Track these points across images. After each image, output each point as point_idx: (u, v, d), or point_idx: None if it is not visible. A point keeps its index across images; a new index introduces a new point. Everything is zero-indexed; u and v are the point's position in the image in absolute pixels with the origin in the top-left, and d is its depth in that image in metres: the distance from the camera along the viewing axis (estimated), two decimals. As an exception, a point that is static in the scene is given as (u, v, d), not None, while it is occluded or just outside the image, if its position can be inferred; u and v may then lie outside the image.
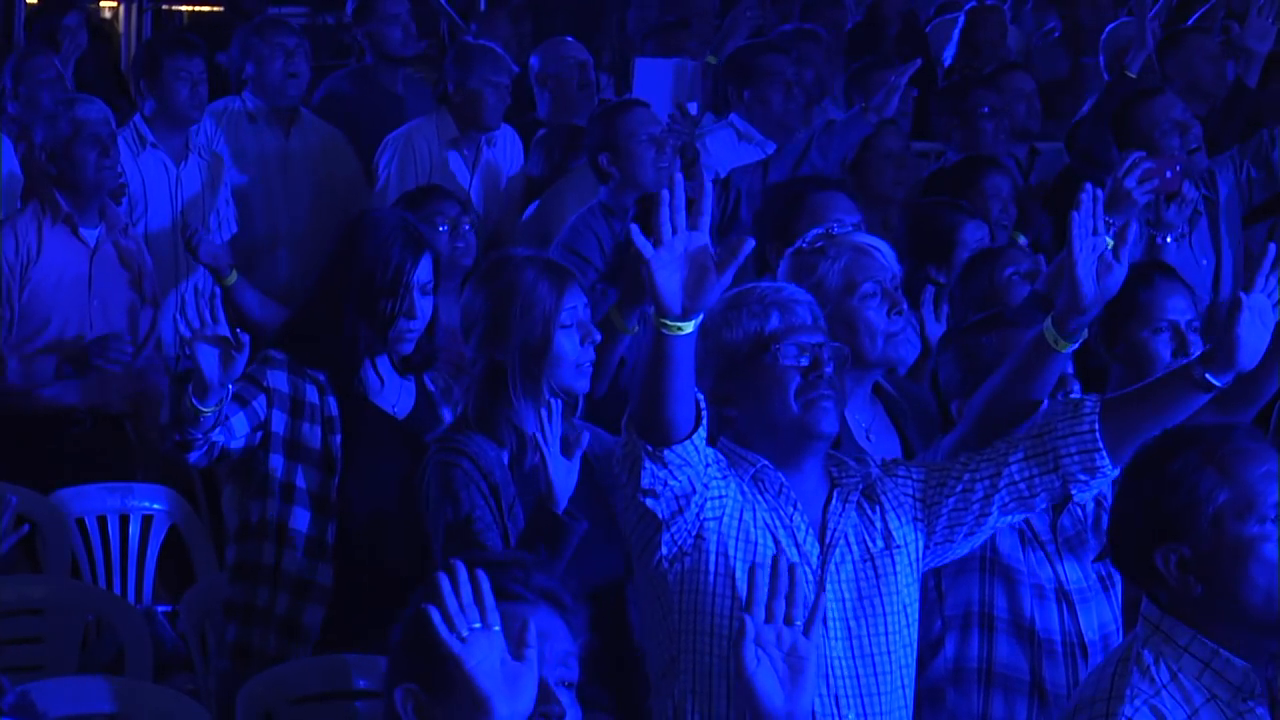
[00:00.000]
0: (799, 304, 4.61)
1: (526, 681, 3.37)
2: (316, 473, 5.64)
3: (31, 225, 7.50)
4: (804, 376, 4.51)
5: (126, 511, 7.08)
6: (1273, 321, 4.45)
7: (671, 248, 4.05)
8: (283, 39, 9.13)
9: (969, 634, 4.93)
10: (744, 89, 8.85)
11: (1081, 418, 4.44)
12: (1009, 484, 4.48)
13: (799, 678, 3.64)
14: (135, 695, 5.46)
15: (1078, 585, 4.97)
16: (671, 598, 4.48)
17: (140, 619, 6.38)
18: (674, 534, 4.41)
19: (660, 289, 4.06)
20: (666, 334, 4.10)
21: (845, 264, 5.32)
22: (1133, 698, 3.75)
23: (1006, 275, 6.29)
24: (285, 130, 9.14)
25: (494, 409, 5.29)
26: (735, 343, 4.53)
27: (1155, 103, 7.91)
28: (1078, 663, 4.92)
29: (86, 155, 7.50)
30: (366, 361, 5.69)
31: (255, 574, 5.69)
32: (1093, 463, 4.43)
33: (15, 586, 6.34)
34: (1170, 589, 3.80)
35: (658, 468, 4.29)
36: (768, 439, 4.53)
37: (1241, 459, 3.78)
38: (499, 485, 5.20)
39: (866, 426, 5.34)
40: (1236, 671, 3.78)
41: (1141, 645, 3.83)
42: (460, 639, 3.35)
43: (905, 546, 4.55)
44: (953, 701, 4.89)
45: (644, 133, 7.53)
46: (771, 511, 4.49)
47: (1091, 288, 4.62)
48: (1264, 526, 3.75)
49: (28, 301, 7.43)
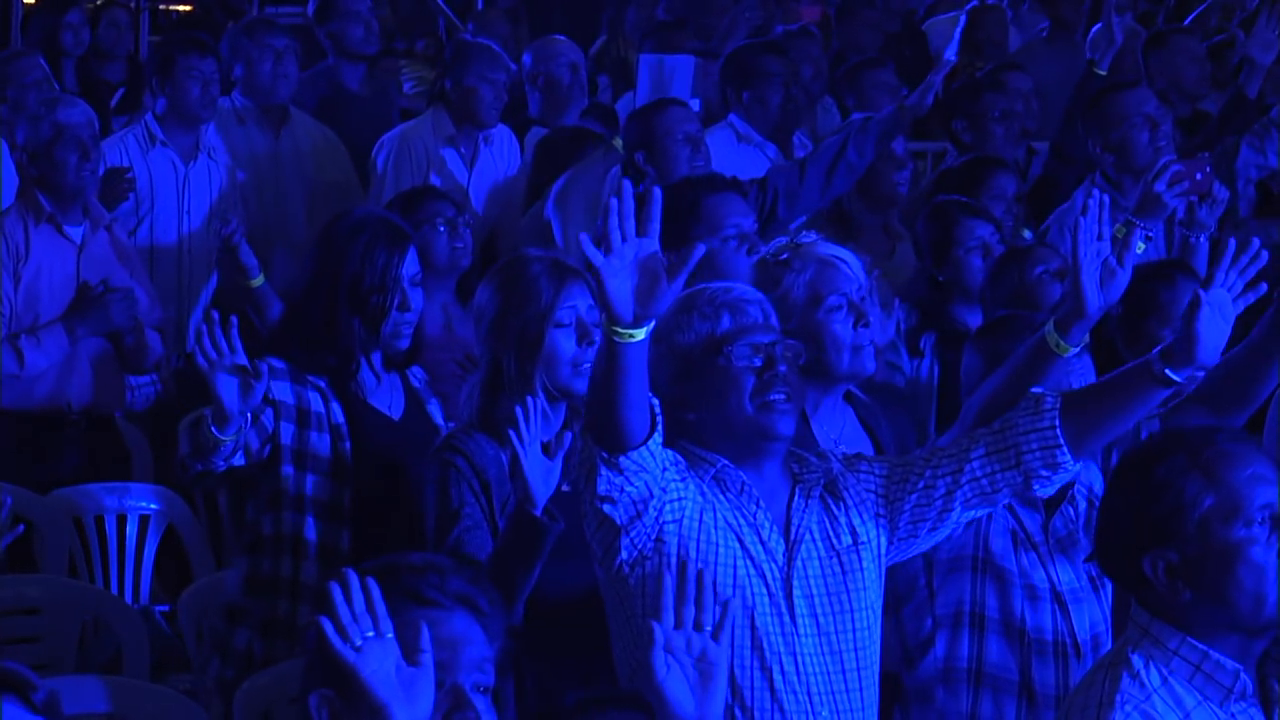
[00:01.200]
0: (750, 304, 4.59)
1: (423, 687, 3.36)
2: (327, 481, 5.66)
3: (18, 225, 7.49)
4: (758, 376, 4.50)
5: (124, 511, 7.09)
6: (1233, 317, 4.44)
7: (621, 255, 4.04)
8: (272, 40, 9.14)
9: (959, 633, 4.94)
10: (743, 90, 8.84)
11: (1042, 414, 4.43)
12: (971, 480, 4.47)
13: (709, 683, 3.64)
14: (132, 695, 5.47)
15: (1070, 586, 4.98)
16: (634, 602, 4.46)
17: (137, 618, 6.39)
18: (633, 538, 4.40)
19: (611, 296, 4.05)
20: (618, 341, 4.10)
21: (810, 277, 5.32)
22: (1124, 703, 3.76)
23: (1036, 274, 6.31)
24: (275, 131, 9.15)
25: (494, 407, 5.29)
26: (688, 346, 4.52)
27: (1128, 96, 7.91)
28: (1069, 663, 4.93)
29: (67, 158, 7.48)
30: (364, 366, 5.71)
31: (274, 587, 5.71)
32: (1054, 458, 4.42)
33: (13, 586, 6.35)
34: (1159, 594, 3.81)
35: (614, 474, 4.28)
36: (726, 440, 4.52)
37: (1226, 462, 3.79)
38: (491, 483, 5.21)
39: (835, 437, 5.32)
40: (1227, 674, 3.79)
41: (1132, 649, 3.84)
42: (355, 648, 3.36)
43: (869, 542, 4.54)
44: (942, 701, 4.90)
45: (680, 131, 7.53)
46: (734, 511, 4.48)
47: (1095, 294, 4.63)
48: (1251, 530, 3.75)
49: (22, 300, 7.43)
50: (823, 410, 5.34)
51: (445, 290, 6.88)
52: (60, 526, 6.91)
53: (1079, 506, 5.02)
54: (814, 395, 5.31)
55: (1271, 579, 3.76)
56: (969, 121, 8.80)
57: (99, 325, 7.43)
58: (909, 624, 4.96)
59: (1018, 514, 4.95)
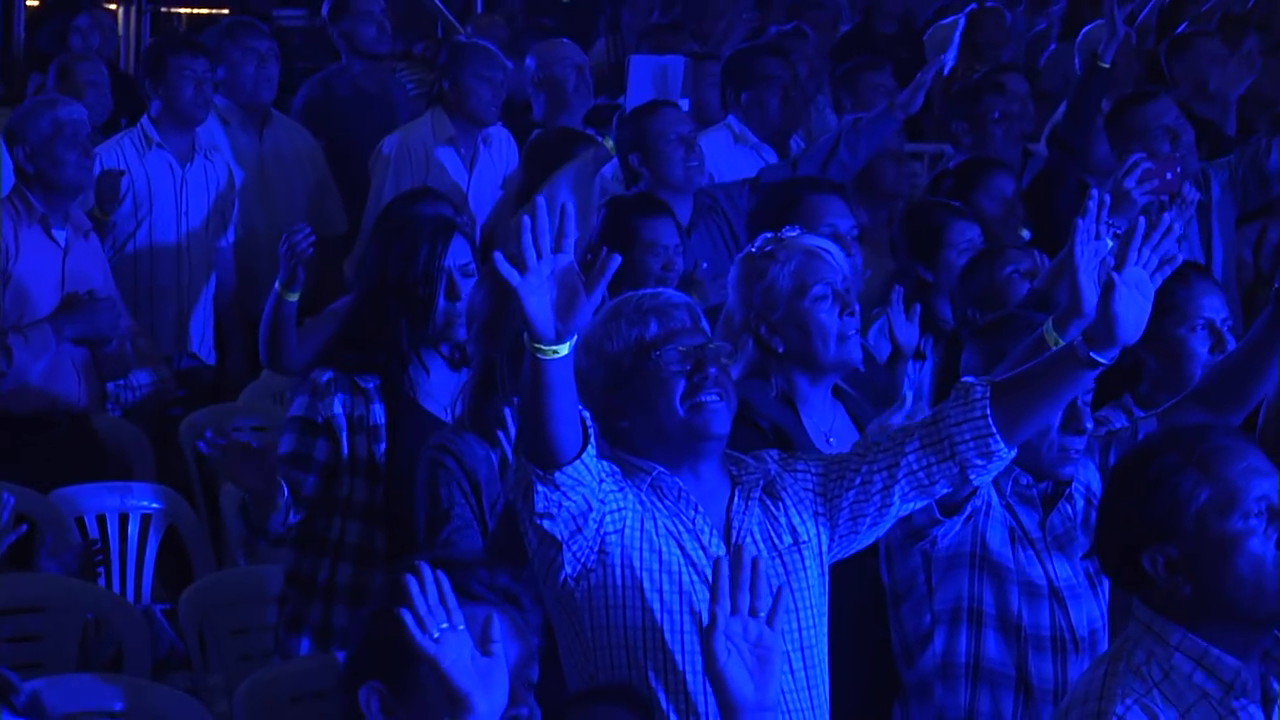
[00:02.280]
0: (677, 308, 4.54)
1: (498, 677, 3.40)
2: (364, 482, 5.70)
3: (9, 225, 7.49)
4: (688, 380, 4.45)
5: (125, 510, 7.10)
6: (1151, 293, 4.40)
7: (538, 272, 4.01)
8: (255, 42, 9.16)
9: (957, 629, 4.94)
10: (742, 92, 8.87)
11: (973, 404, 4.38)
12: (908, 473, 4.44)
13: (767, 667, 3.67)
14: (134, 693, 5.47)
15: (1068, 582, 4.98)
16: (582, 615, 4.42)
17: (139, 617, 6.39)
18: (575, 553, 4.35)
19: (530, 314, 4.02)
20: (542, 359, 4.06)
21: (796, 267, 5.30)
22: (1124, 696, 3.77)
23: (1006, 273, 6.31)
24: (259, 132, 9.15)
25: (486, 408, 5.31)
26: (617, 353, 4.46)
27: (1149, 107, 7.93)
28: (1067, 659, 4.94)
29: (66, 155, 7.50)
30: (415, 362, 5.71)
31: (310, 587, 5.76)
32: (987, 447, 4.37)
33: (15, 585, 6.35)
34: (1159, 590, 3.81)
35: (550, 490, 4.23)
36: (660, 446, 4.47)
37: (1221, 456, 3.80)
38: (481, 484, 5.22)
39: (827, 431, 5.32)
40: (1228, 669, 3.79)
41: (1134, 645, 3.85)
42: (434, 639, 3.37)
43: (810, 541, 4.51)
44: (940, 696, 4.90)
45: (673, 133, 7.55)
46: (673, 518, 4.44)
47: (1094, 293, 4.62)
48: (1248, 522, 3.76)
49: (10, 299, 7.43)
50: (812, 403, 5.33)
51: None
52: (62, 525, 6.90)
53: (1076, 504, 5.01)
54: (803, 387, 5.32)
55: (1270, 570, 3.77)
56: (969, 124, 8.81)
57: (86, 329, 7.45)
58: (908, 620, 4.96)
59: (1015, 511, 4.94)
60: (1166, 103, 8.04)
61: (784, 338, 5.28)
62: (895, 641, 5.03)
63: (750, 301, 5.32)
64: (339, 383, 5.67)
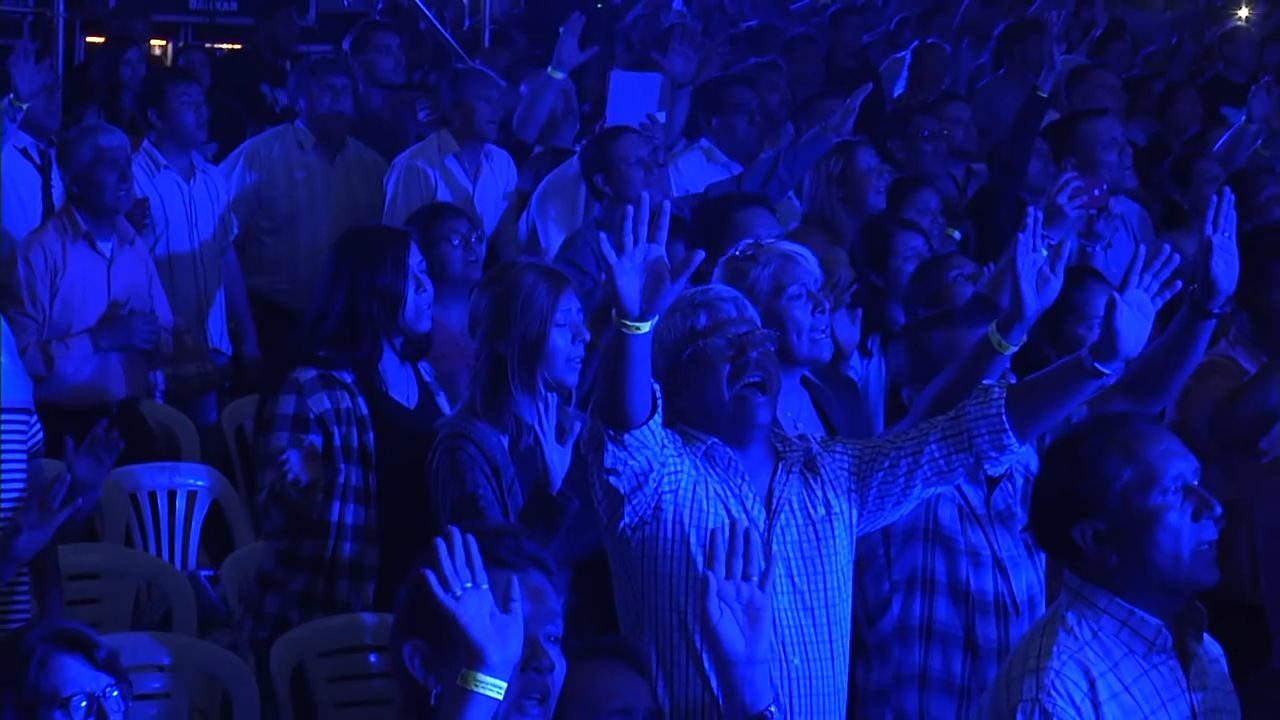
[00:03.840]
0: (725, 301, 4.62)
1: (514, 632, 3.40)
2: (358, 469, 5.65)
3: (56, 241, 7.45)
4: (732, 363, 4.51)
5: (174, 488, 7.07)
6: (1152, 313, 4.43)
7: (633, 256, 4.06)
8: (331, 79, 9.13)
9: (913, 596, 4.94)
10: (713, 117, 8.86)
11: (990, 403, 4.42)
12: (930, 460, 4.47)
13: (756, 625, 3.67)
14: (181, 650, 5.47)
15: (1009, 552, 4.97)
16: (634, 562, 4.48)
17: (186, 582, 6.38)
18: (635, 506, 4.41)
19: (621, 293, 4.07)
20: (626, 333, 4.11)
21: (774, 269, 5.34)
22: (1059, 653, 3.78)
23: (951, 277, 6.29)
24: (331, 156, 9.12)
25: (496, 398, 5.30)
26: (673, 343, 4.53)
27: (1099, 122, 7.92)
28: (1009, 621, 4.93)
29: (106, 178, 7.46)
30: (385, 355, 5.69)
31: (315, 565, 5.69)
32: (1001, 442, 4.42)
33: (76, 554, 6.32)
34: (1088, 560, 3.82)
35: (619, 449, 4.29)
36: (710, 424, 4.53)
37: (1141, 440, 3.81)
38: (500, 467, 5.22)
39: (794, 416, 5.33)
40: (1150, 628, 3.80)
41: (1066, 608, 3.86)
42: (455, 597, 3.37)
43: (842, 514, 4.55)
44: (897, 655, 4.90)
45: (634, 156, 7.52)
46: (722, 483, 4.49)
47: (1033, 298, 4.64)
48: (1166, 497, 3.78)
49: (59, 308, 7.40)
50: (783, 392, 5.33)
51: (459, 299, 6.84)
52: (118, 501, 6.89)
53: (1016, 483, 5.01)
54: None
55: (1186, 540, 3.77)
56: (902, 141, 8.81)
57: (121, 340, 7.43)
58: (869, 588, 4.95)
59: (963, 490, 4.95)
60: (1112, 119, 8.04)
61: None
62: (857, 607, 5.02)
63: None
64: (322, 380, 5.63)
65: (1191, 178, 8.17)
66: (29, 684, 4.06)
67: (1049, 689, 3.72)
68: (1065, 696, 3.72)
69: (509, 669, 3.39)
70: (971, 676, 4.89)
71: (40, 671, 4.07)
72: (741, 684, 3.63)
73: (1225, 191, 4.98)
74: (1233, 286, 4.92)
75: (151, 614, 6.40)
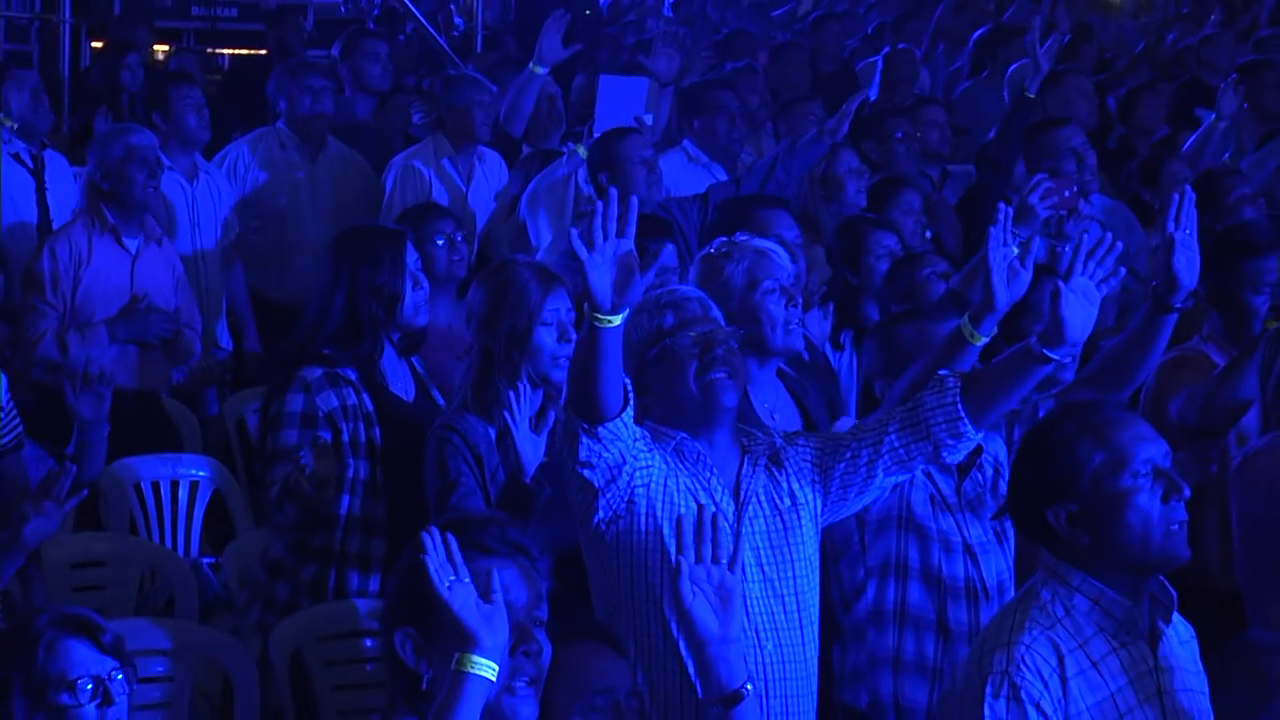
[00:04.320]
0: (690, 300, 4.62)
1: (500, 620, 3.42)
2: (366, 463, 5.64)
3: (83, 235, 7.48)
4: (699, 359, 4.51)
5: (176, 478, 7.06)
6: (1097, 301, 4.43)
7: (603, 251, 4.05)
8: (311, 81, 9.11)
9: (887, 581, 4.95)
10: (695, 119, 8.87)
11: (946, 393, 4.43)
12: (889, 450, 4.48)
13: (728, 606, 3.66)
14: (184, 635, 5.46)
15: (979, 539, 4.98)
16: (610, 556, 4.48)
17: (188, 569, 6.37)
18: (609, 500, 4.40)
19: (594, 286, 4.06)
20: (598, 326, 4.10)
21: (748, 265, 5.33)
22: (1031, 629, 3.79)
23: (925, 275, 6.30)
24: (313, 156, 9.10)
25: (484, 391, 5.30)
26: (642, 342, 4.52)
27: (1060, 131, 7.94)
28: (979, 605, 4.94)
29: (136, 175, 7.50)
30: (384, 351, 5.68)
31: (324, 555, 5.69)
32: (958, 430, 4.42)
33: (81, 542, 6.33)
34: (1062, 541, 3.83)
35: (592, 442, 4.28)
36: (681, 417, 4.53)
37: (1112, 425, 3.82)
38: (483, 456, 5.23)
39: (770, 407, 5.35)
40: (1121, 608, 3.81)
41: (1040, 587, 3.88)
42: (446, 586, 3.38)
43: (807, 504, 4.55)
44: (872, 638, 4.91)
45: (637, 156, 7.53)
46: (692, 477, 4.49)
47: (1004, 290, 4.64)
48: (1136, 481, 3.78)
49: (81, 299, 7.41)
50: (759, 383, 5.37)
51: (446, 295, 6.84)
52: (122, 491, 6.88)
53: (986, 473, 5.02)
54: (752, 369, 5.33)
55: (1155, 522, 3.77)
56: (876, 143, 8.82)
57: (137, 333, 7.43)
58: (845, 574, 4.96)
59: (935, 480, 4.95)
60: (1075, 128, 8.05)
61: (739, 326, 5.27)
62: (834, 593, 5.04)
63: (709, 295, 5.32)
64: (328, 378, 5.62)
65: (1162, 179, 8.18)
66: (37, 667, 4.07)
67: (1019, 663, 3.73)
68: (1034, 671, 3.73)
69: (499, 652, 3.40)
70: (943, 659, 4.91)
71: (48, 655, 4.08)
72: (716, 663, 3.63)
73: (1187, 190, 4.99)
74: (1194, 282, 4.93)
75: (155, 600, 6.39)
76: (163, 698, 5.37)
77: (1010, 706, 3.70)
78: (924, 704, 4.90)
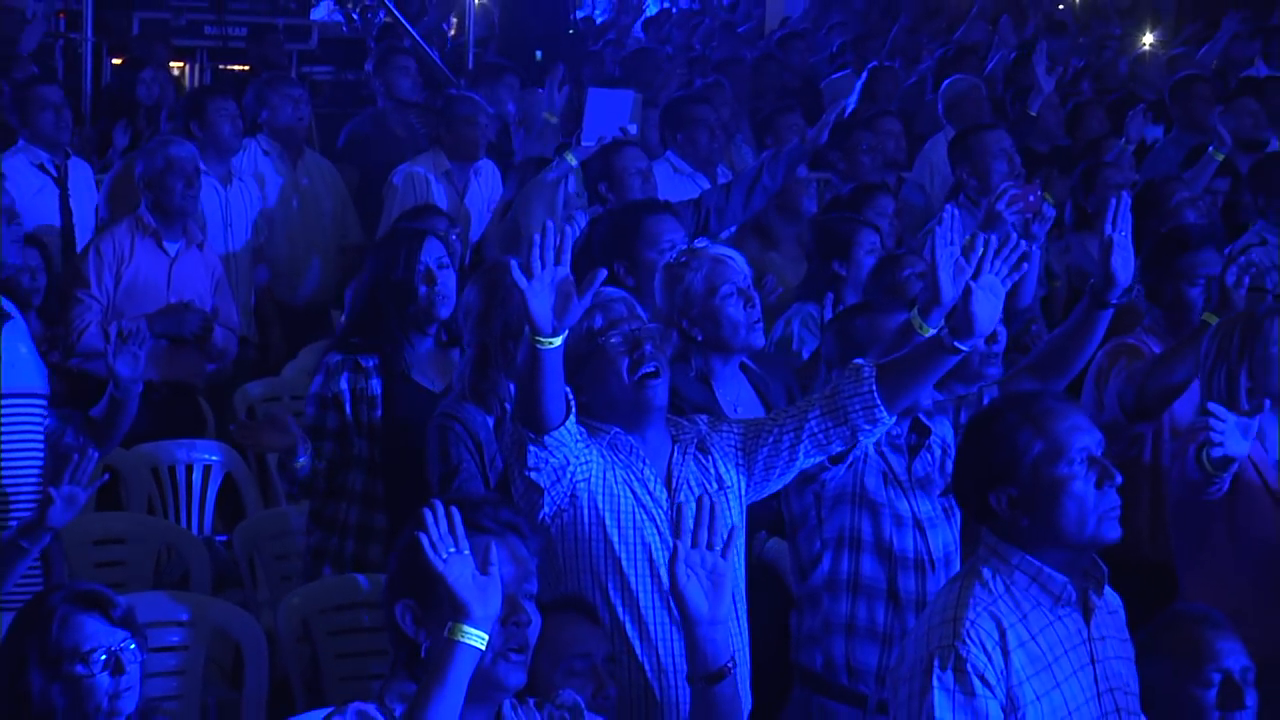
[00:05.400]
0: (616, 302, 4.56)
1: (493, 592, 3.40)
2: (366, 442, 5.68)
3: (126, 236, 7.52)
4: (630, 357, 4.46)
5: (191, 462, 7.07)
6: (1002, 295, 4.40)
7: (541, 279, 4.01)
8: (290, 90, 9.11)
9: (841, 553, 4.93)
10: (678, 132, 8.88)
11: (862, 381, 4.40)
12: (809, 435, 4.45)
13: (718, 590, 3.65)
14: (198, 607, 5.47)
15: (927, 515, 4.98)
16: (555, 545, 4.44)
17: (202, 546, 6.37)
18: (553, 497, 4.36)
19: (533, 312, 4.02)
20: (540, 348, 4.06)
21: (706, 272, 5.31)
22: (974, 605, 3.78)
23: (905, 275, 6.30)
24: (293, 164, 9.10)
25: (482, 382, 5.31)
26: (573, 343, 4.38)
27: (989, 134, 7.96)
28: (926, 575, 4.94)
29: (175, 184, 7.52)
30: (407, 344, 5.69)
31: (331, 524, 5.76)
32: (873, 415, 4.39)
33: (103, 521, 6.34)
34: (1003, 522, 3.82)
35: (539, 450, 4.24)
36: (614, 413, 4.48)
37: (1051, 416, 3.82)
38: (483, 443, 5.23)
39: (735, 400, 5.35)
40: (1056, 584, 3.81)
41: (982, 564, 3.86)
42: (443, 560, 3.38)
43: (733, 486, 4.52)
44: (827, 605, 4.89)
45: (634, 167, 7.53)
46: (626, 469, 4.45)
47: (950, 284, 4.63)
48: (1072, 468, 3.78)
49: (122, 296, 7.42)
50: (722, 378, 5.37)
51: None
52: (141, 474, 6.88)
53: (934, 453, 5.01)
54: (716, 365, 5.35)
55: (1089, 506, 3.78)
56: (843, 153, 8.83)
57: (172, 329, 7.42)
58: (802, 546, 4.95)
59: (887, 458, 4.94)
60: (1002, 132, 8.07)
61: (701, 328, 5.31)
62: (791, 563, 5.04)
63: (672, 301, 5.35)
64: (346, 363, 5.67)
65: (1096, 185, 8.20)
66: (52, 641, 4.06)
67: (964, 637, 3.72)
68: (978, 644, 3.72)
69: (490, 623, 3.39)
70: (893, 624, 4.90)
71: (62, 629, 4.07)
72: (705, 642, 3.61)
73: (1124, 196, 5.01)
74: (1129, 279, 4.95)
75: (171, 575, 6.40)
76: (178, 666, 5.38)
77: (957, 679, 3.69)
78: (874, 666, 4.90)
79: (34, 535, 4.96)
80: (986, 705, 3.69)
